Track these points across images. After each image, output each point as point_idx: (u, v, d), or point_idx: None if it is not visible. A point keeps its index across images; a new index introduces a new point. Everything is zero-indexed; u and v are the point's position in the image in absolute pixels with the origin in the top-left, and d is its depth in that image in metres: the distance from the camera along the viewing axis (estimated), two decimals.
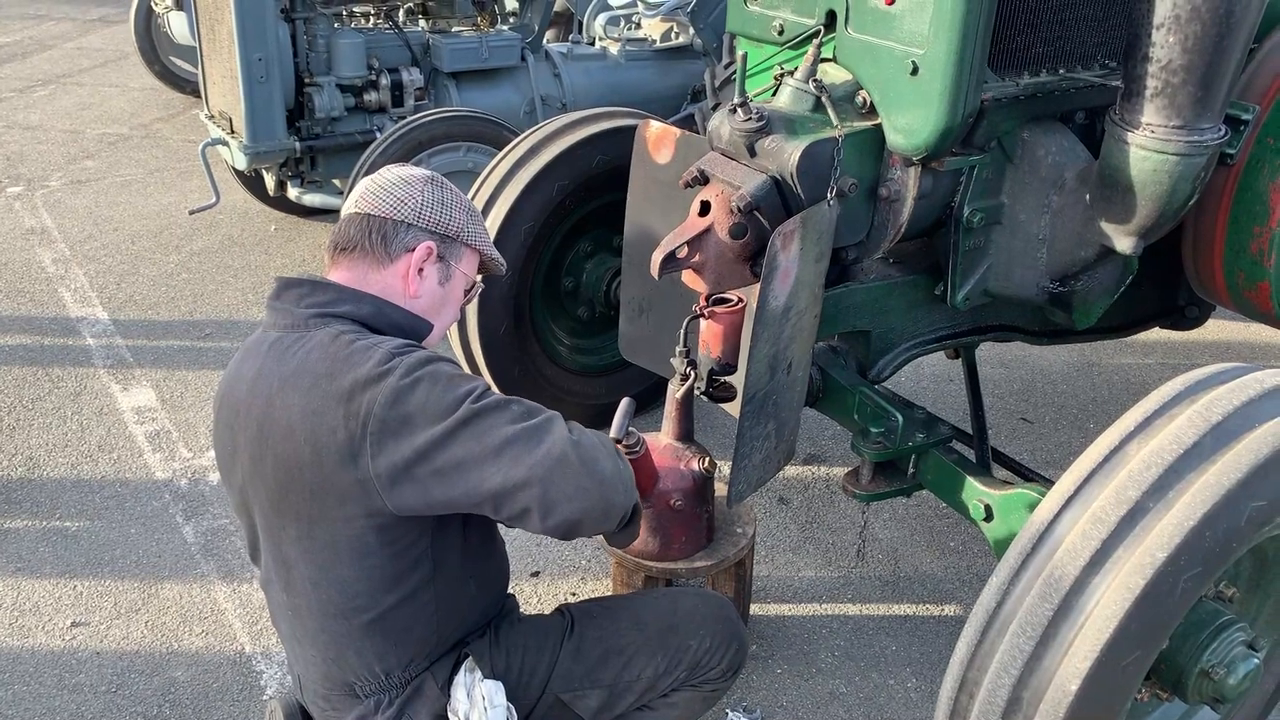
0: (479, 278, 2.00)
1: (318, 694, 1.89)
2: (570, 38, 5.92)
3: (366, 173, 4.17)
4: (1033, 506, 2.14)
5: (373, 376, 1.64)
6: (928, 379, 4.09)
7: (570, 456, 1.66)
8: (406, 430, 1.63)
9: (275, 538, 1.79)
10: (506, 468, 1.63)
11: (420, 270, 1.83)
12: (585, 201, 3.30)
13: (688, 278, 2.30)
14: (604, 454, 1.73)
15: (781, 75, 2.36)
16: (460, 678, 1.85)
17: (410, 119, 4.38)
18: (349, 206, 1.88)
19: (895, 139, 2.26)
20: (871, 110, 2.29)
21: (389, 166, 1.93)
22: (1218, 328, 4.36)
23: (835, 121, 2.22)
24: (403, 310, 1.83)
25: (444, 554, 1.80)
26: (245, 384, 1.77)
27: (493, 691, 1.82)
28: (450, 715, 1.84)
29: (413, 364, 1.66)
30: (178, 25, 6.63)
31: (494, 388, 2.06)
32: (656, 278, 2.22)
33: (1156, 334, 3.19)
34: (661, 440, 2.53)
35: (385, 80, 4.88)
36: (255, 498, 1.78)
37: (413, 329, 1.84)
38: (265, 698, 2.56)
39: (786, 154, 2.17)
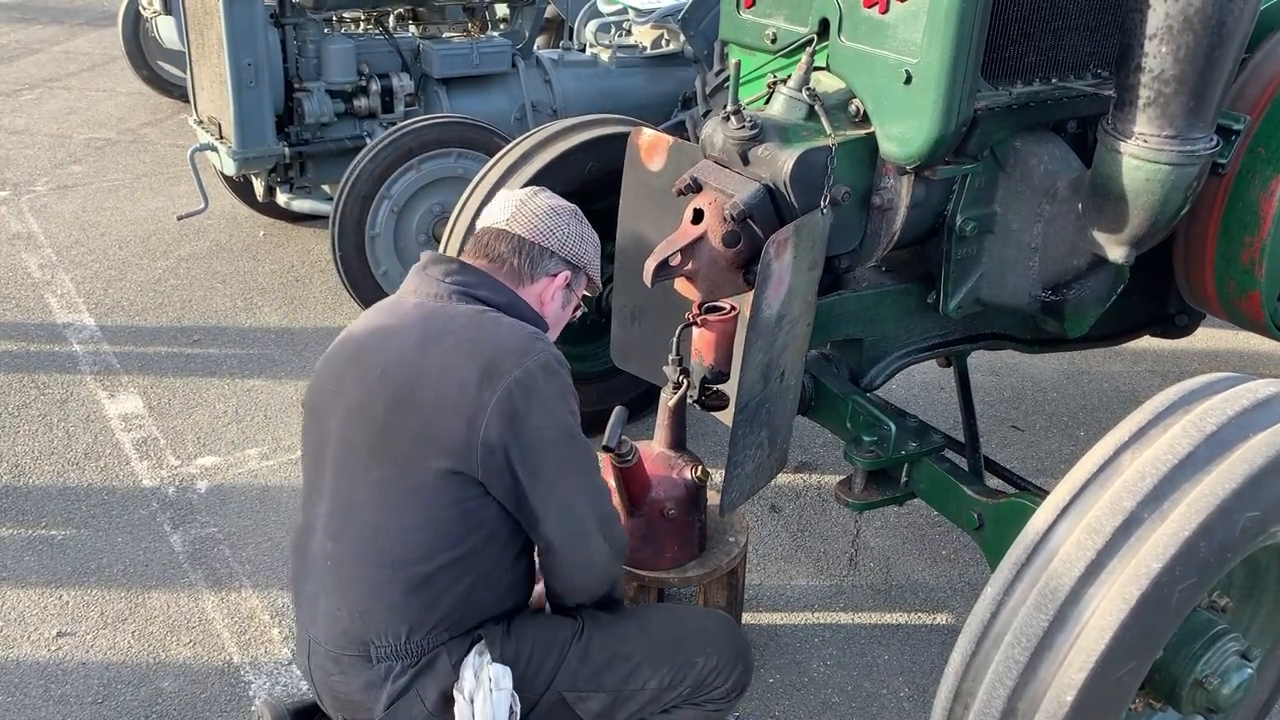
0: (581, 302, 2.26)
1: (328, 655, 1.93)
2: (561, 44, 5.92)
3: (355, 178, 4.17)
4: (1025, 515, 2.13)
5: (515, 350, 1.85)
6: (918, 387, 4.09)
7: (602, 566, 1.96)
8: (524, 414, 1.82)
9: (350, 480, 1.89)
10: (558, 515, 1.87)
11: (554, 295, 2.10)
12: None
13: (680, 285, 2.29)
14: (621, 580, 2.04)
15: (774, 83, 2.36)
16: (470, 659, 1.91)
17: (401, 125, 4.36)
18: (496, 218, 2.08)
19: (888, 147, 2.26)
20: (865, 119, 2.29)
21: (537, 191, 2.15)
22: (1208, 336, 4.37)
23: (828, 130, 2.22)
24: (532, 310, 2.06)
25: (498, 530, 1.91)
26: (374, 333, 1.94)
27: (500, 675, 1.87)
28: (456, 693, 1.88)
29: (551, 358, 1.89)
30: (166, 30, 6.60)
31: None
32: (649, 285, 2.22)
33: (1147, 342, 3.20)
34: (654, 448, 2.52)
35: (375, 86, 4.86)
36: (346, 436, 1.89)
37: (536, 321, 2.05)
38: (253, 705, 2.53)
39: (780, 162, 2.17)
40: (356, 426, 1.88)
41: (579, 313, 2.24)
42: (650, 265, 2.19)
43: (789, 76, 2.32)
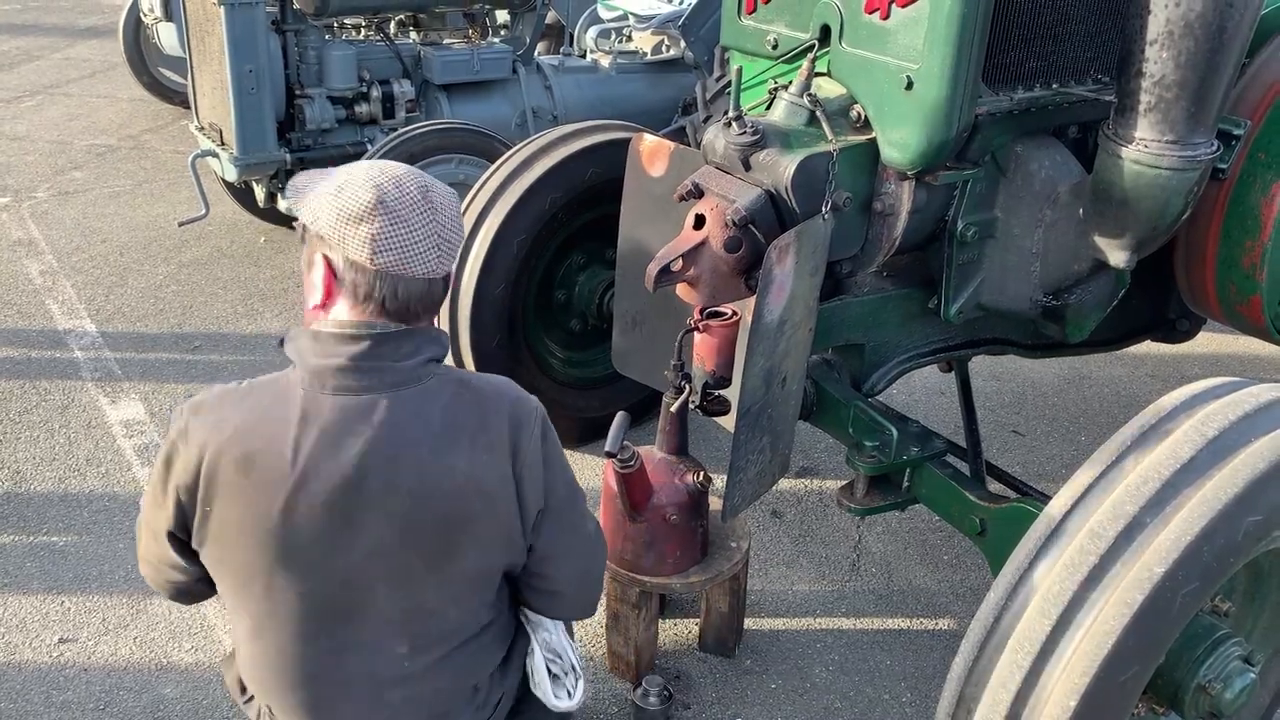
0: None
1: None
2: (562, 50, 5.93)
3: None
4: (1027, 521, 2.13)
5: (520, 422, 1.73)
6: (919, 392, 4.09)
7: (594, 591, 1.93)
8: (547, 473, 1.76)
9: (408, 595, 1.73)
10: (569, 558, 1.85)
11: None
12: (578, 214, 3.29)
13: (682, 291, 2.29)
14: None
15: (776, 89, 2.37)
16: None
17: (401, 131, 4.37)
18: (419, 267, 1.64)
19: (889, 153, 2.26)
20: (866, 124, 2.30)
21: (434, 203, 1.67)
22: (1208, 340, 4.38)
23: (830, 136, 2.23)
24: (440, 331, 1.79)
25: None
26: (367, 455, 1.64)
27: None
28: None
29: (540, 414, 1.78)
30: (167, 36, 6.61)
31: None
32: (651, 291, 2.22)
33: (1148, 346, 3.20)
34: (656, 454, 2.52)
35: (376, 92, 4.87)
36: (391, 566, 1.69)
37: (447, 343, 1.83)
38: None
39: (781, 168, 2.17)
40: (405, 556, 1.70)
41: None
42: (652, 271, 2.19)
43: (790, 82, 2.33)
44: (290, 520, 1.65)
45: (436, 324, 1.82)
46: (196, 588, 1.86)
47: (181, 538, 1.75)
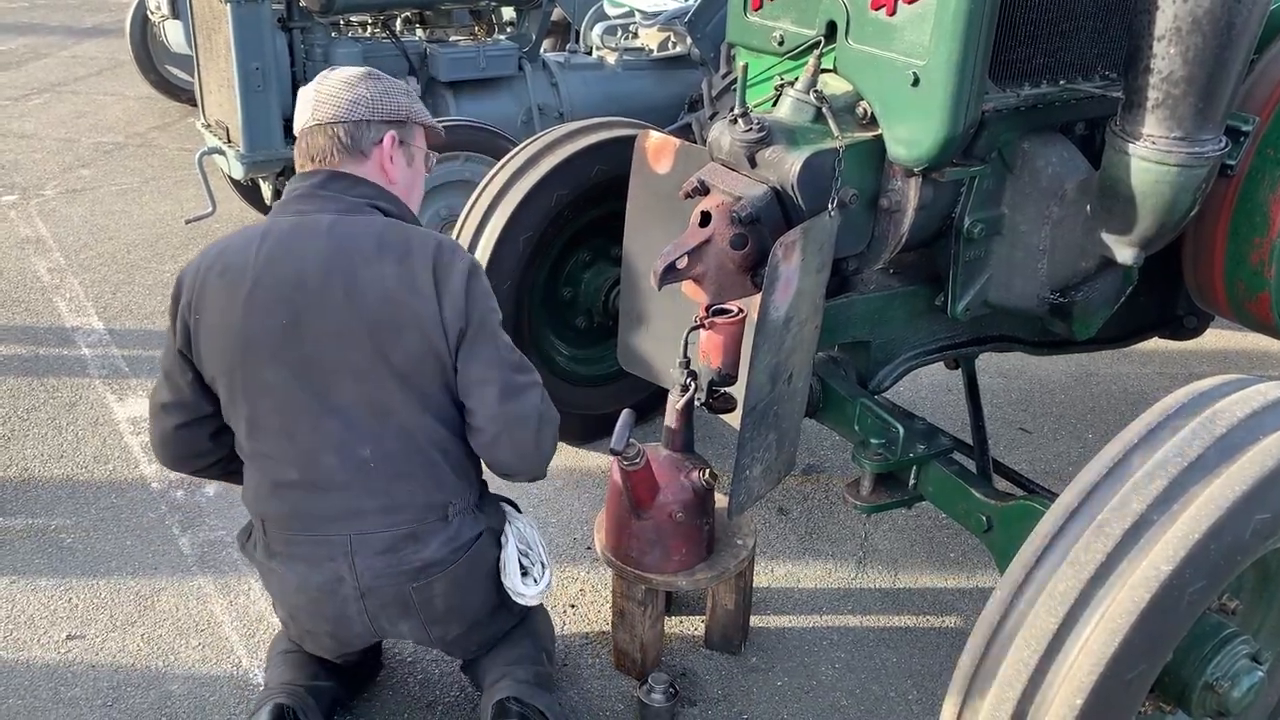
0: (430, 151, 2.32)
1: (395, 538, 2.14)
2: (568, 47, 5.93)
3: None
4: (1034, 518, 2.13)
5: (448, 254, 2.06)
6: (925, 389, 4.08)
7: (532, 428, 2.15)
8: (469, 301, 2.06)
9: (367, 396, 2.06)
10: (491, 391, 2.10)
11: (391, 159, 2.16)
12: (584, 211, 3.29)
13: (688, 288, 2.29)
14: (552, 442, 2.22)
15: (782, 86, 2.36)
16: (510, 515, 2.38)
17: None
18: (305, 119, 2.14)
19: (896, 150, 2.26)
20: (872, 121, 2.29)
21: (326, 73, 2.18)
22: (1215, 337, 4.36)
23: (836, 132, 2.22)
24: (405, 206, 2.19)
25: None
26: (309, 259, 2.03)
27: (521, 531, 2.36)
28: (503, 538, 2.30)
29: (469, 258, 2.11)
30: (174, 34, 6.62)
31: None
32: (657, 289, 2.22)
33: (1154, 343, 3.19)
34: (661, 452, 2.52)
35: None
36: (336, 362, 2.04)
37: (416, 222, 2.21)
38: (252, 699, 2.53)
39: (787, 165, 2.17)
40: (346, 353, 2.04)
41: (431, 162, 2.31)
42: (658, 268, 2.19)
43: (796, 79, 2.33)
44: (251, 314, 2.03)
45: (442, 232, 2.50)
46: (188, 431, 2.24)
47: (187, 354, 2.15)
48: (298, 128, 2.17)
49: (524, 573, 2.27)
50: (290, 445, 2.11)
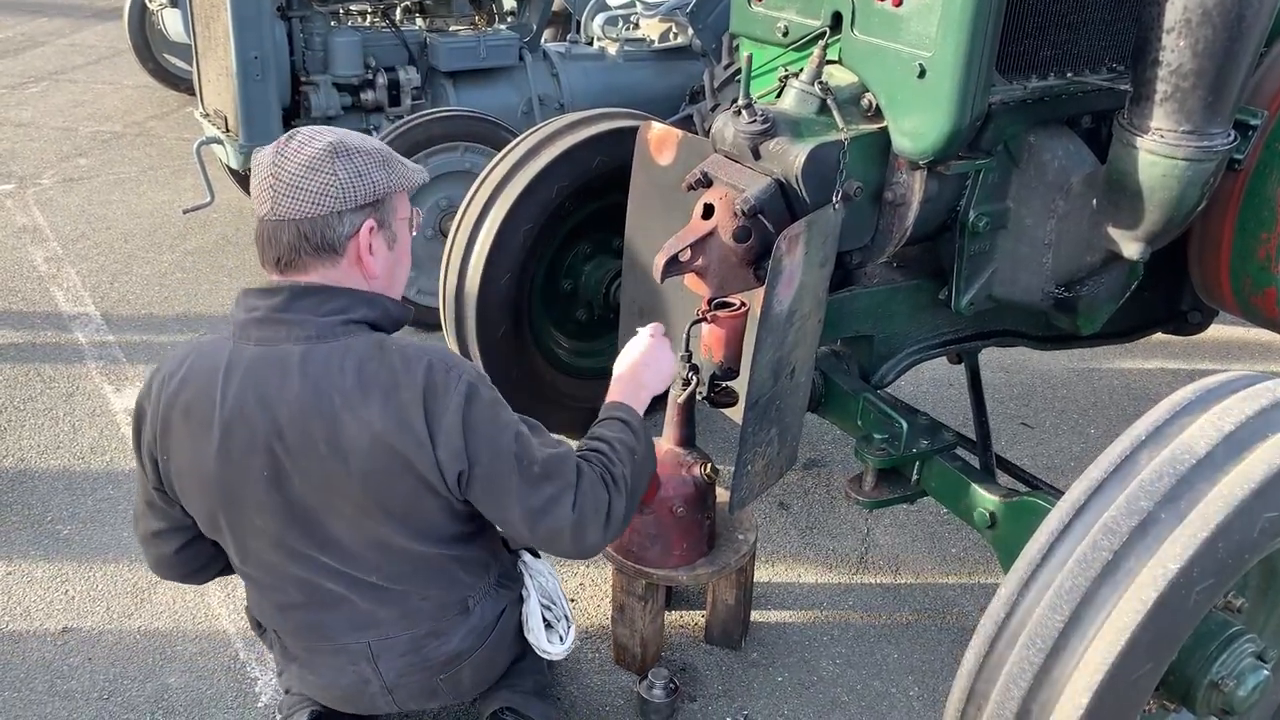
0: (413, 210, 2.00)
1: (418, 637, 2.04)
2: (568, 37, 5.90)
3: None
4: (1038, 514, 2.12)
5: (440, 384, 1.80)
6: (927, 383, 4.07)
7: (567, 538, 1.92)
8: (470, 438, 1.82)
9: (363, 534, 1.89)
10: (515, 521, 1.91)
11: (370, 248, 1.86)
12: (585, 203, 3.27)
13: (690, 281, 2.27)
14: (600, 530, 1.94)
15: (786, 77, 2.34)
16: (529, 567, 2.27)
17: (407, 119, 4.34)
18: (264, 209, 1.80)
19: (901, 142, 2.24)
20: (877, 113, 2.27)
21: (283, 145, 1.82)
22: (1219, 332, 4.34)
23: (840, 124, 2.20)
24: (390, 300, 1.92)
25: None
26: (283, 407, 1.79)
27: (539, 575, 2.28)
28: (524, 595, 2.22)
29: (465, 380, 1.83)
30: (172, 22, 6.59)
31: None
32: (659, 281, 2.20)
33: (1158, 338, 3.17)
34: (663, 446, 2.50)
35: (382, 80, 4.84)
36: (326, 507, 1.86)
37: (401, 316, 1.95)
38: (260, 705, 2.52)
39: (791, 157, 2.15)
40: (335, 502, 1.85)
41: (416, 221, 2.00)
42: (660, 261, 2.17)
43: (801, 70, 2.30)
44: (227, 465, 1.83)
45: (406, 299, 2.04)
46: (187, 553, 2.09)
47: (163, 489, 1.96)
48: (256, 213, 1.83)
49: (548, 626, 2.19)
50: (289, 573, 1.96)
